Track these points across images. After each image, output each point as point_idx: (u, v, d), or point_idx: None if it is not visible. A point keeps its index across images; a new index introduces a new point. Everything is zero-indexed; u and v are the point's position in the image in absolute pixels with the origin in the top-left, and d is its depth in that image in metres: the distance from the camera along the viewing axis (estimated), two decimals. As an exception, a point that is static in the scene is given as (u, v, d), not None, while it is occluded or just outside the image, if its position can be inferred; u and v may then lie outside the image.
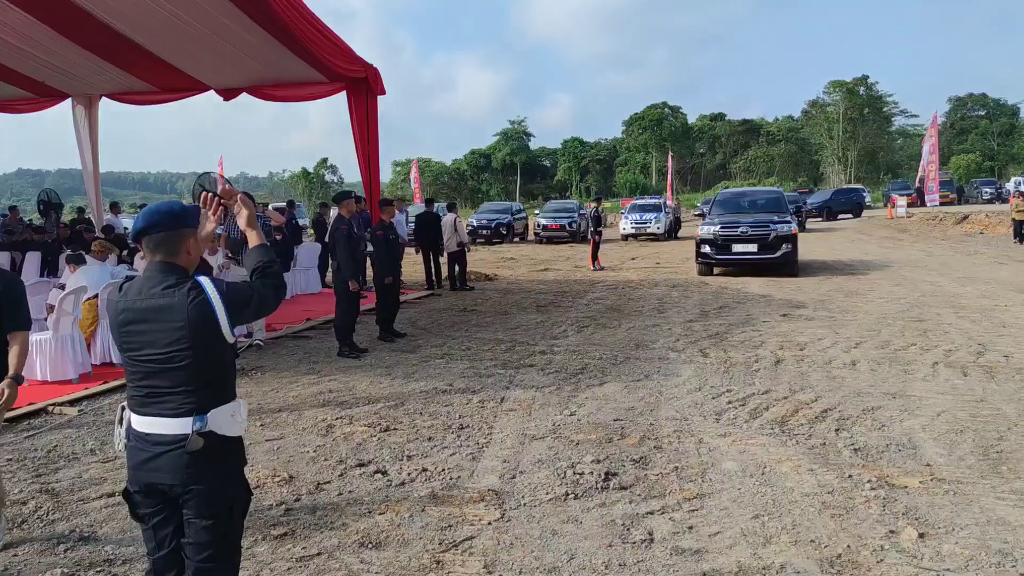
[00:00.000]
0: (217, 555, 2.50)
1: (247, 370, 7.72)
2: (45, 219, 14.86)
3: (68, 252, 8.41)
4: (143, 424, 2.44)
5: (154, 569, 2.54)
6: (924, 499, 4.14)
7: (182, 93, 13.74)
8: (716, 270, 15.36)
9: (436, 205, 15.47)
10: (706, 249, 14.74)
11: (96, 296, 7.74)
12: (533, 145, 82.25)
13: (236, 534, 2.59)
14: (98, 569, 3.64)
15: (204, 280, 2.46)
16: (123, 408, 2.53)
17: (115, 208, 15.73)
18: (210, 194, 2.72)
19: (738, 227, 14.57)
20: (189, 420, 2.39)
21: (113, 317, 2.52)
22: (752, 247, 14.35)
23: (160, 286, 2.43)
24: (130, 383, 2.49)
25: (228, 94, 13.45)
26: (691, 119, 77.87)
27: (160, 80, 12.96)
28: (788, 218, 14.85)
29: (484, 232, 28.41)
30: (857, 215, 39.20)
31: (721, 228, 14.68)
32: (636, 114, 76.47)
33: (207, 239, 2.68)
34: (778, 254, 14.25)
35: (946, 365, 7.07)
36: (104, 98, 14.31)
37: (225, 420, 2.46)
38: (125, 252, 11.19)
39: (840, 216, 39.01)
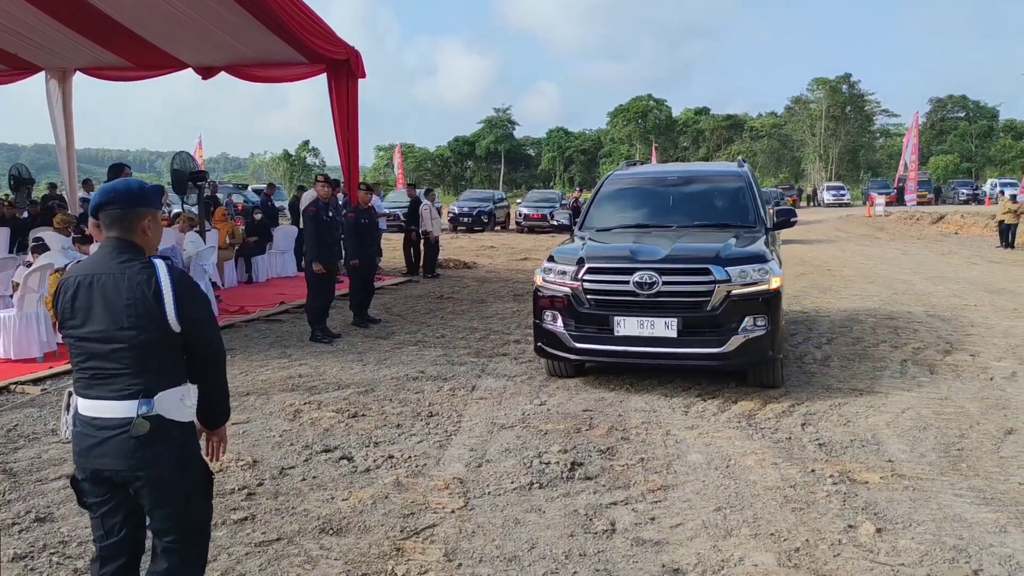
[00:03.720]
0: (181, 539, 2.47)
1: (217, 352, 7.64)
2: (16, 195, 14.61)
3: (32, 243, 8.27)
4: (88, 408, 2.37)
5: (101, 556, 2.49)
6: (884, 494, 4.18)
7: (159, 70, 13.53)
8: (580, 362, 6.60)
9: (417, 191, 15.39)
10: (554, 324, 6.20)
11: (63, 269, 7.61)
12: (518, 134, 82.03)
13: (200, 518, 2.54)
14: (52, 550, 3.59)
15: (159, 263, 2.41)
16: (69, 393, 2.46)
17: (88, 185, 15.45)
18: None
19: (631, 271, 5.94)
20: (135, 403, 2.32)
21: (59, 290, 2.45)
22: (661, 324, 5.84)
23: (113, 261, 2.38)
24: (75, 365, 2.42)
25: (206, 72, 13.26)
26: (676, 112, 77.94)
27: (136, 56, 12.74)
28: (758, 240, 6.37)
29: (465, 220, 28.33)
30: None
31: (590, 272, 6.09)
32: (621, 106, 76.39)
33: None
34: (729, 347, 5.77)
35: (914, 363, 7.15)
36: (79, 72, 14.05)
37: (174, 404, 2.39)
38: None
39: None
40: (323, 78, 12.63)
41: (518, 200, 35.40)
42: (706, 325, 5.84)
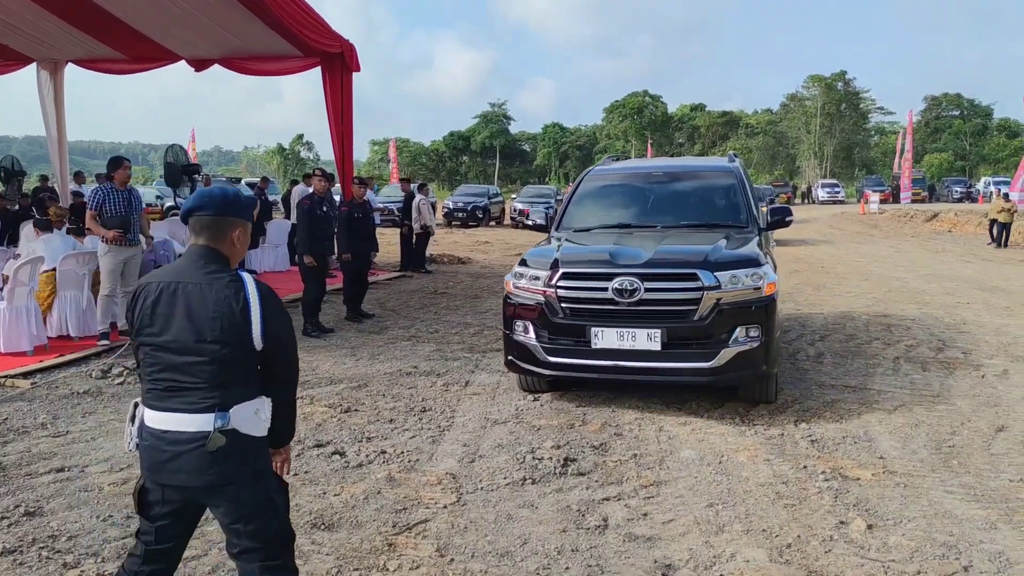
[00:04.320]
0: (273, 554, 2.35)
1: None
2: (7, 187, 14.52)
3: (37, 217, 8.27)
4: (159, 421, 2.28)
5: (144, 557, 2.40)
6: (875, 491, 4.19)
7: (152, 63, 13.42)
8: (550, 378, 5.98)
9: (411, 185, 15.36)
10: (526, 336, 5.69)
11: (54, 269, 7.57)
12: (513, 129, 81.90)
13: (286, 529, 2.44)
14: (42, 545, 3.57)
15: (247, 277, 2.31)
16: (135, 404, 2.37)
17: (79, 178, 15.38)
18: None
19: (610, 276, 5.43)
20: (210, 417, 2.23)
21: (138, 295, 2.36)
22: (643, 335, 5.32)
23: (200, 271, 2.30)
24: (148, 376, 2.32)
25: (200, 65, 13.17)
26: (671, 108, 77.93)
27: (129, 48, 12.64)
28: (751, 242, 5.93)
29: (460, 215, 28.26)
30: None
31: (565, 278, 5.58)
32: (617, 101, 76.31)
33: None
34: (718, 361, 5.25)
35: (907, 360, 7.16)
36: (71, 64, 13.96)
37: (249, 418, 2.30)
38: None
39: None
40: (317, 71, 12.57)
41: (513, 195, 35.32)
42: (693, 337, 5.30)
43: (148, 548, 2.40)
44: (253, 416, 2.31)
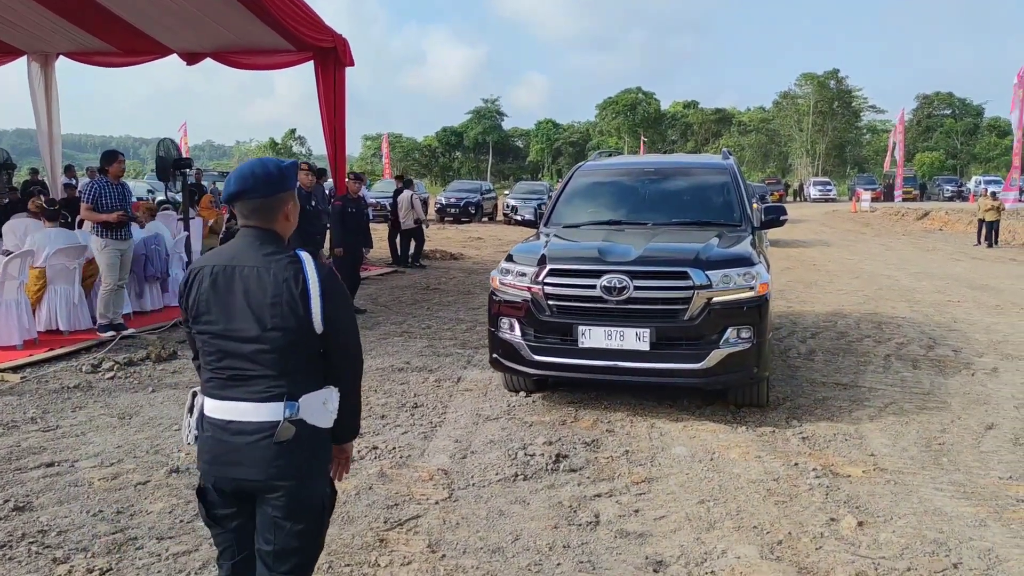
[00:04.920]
0: (305, 563, 2.23)
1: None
2: (-2, 180, 14.42)
3: (45, 207, 8.38)
4: (222, 410, 2.15)
5: (233, 571, 2.26)
6: (865, 488, 4.21)
7: (144, 56, 13.34)
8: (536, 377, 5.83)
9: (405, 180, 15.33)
10: (511, 333, 5.56)
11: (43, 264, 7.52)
12: (506, 125, 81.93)
13: (323, 537, 2.31)
14: (31, 539, 3.55)
15: (306, 256, 2.18)
16: (194, 394, 2.26)
17: (70, 171, 15.27)
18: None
19: (598, 273, 5.29)
20: (279, 406, 2.10)
21: (191, 281, 2.21)
22: (632, 335, 5.18)
23: (256, 252, 2.17)
24: (207, 364, 2.20)
25: (191, 59, 13.09)
26: (664, 105, 78.04)
27: (120, 42, 12.57)
28: (743, 240, 5.82)
29: (452, 211, 28.24)
30: None
31: (552, 274, 5.44)
32: (610, 98, 76.40)
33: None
34: (708, 363, 5.12)
35: (897, 358, 7.20)
36: (62, 57, 13.86)
37: (317, 408, 2.17)
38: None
39: None
40: (310, 65, 12.52)
41: (506, 192, 35.29)
42: (683, 337, 5.16)
43: (232, 563, 2.26)
44: (321, 407, 2.18)
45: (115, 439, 4.90)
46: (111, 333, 7.40)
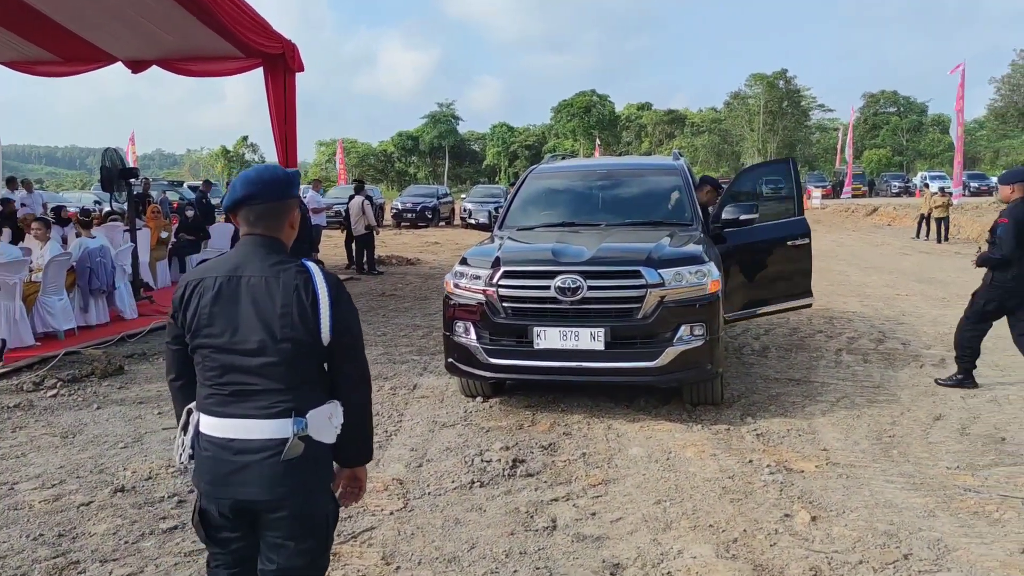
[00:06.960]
0: None
1: (148, 355, 7.40)
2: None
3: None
4: (222, 428, 2.05)
5: None
6: (819, 483, 4.26)
7: (87, 64, 13.06)
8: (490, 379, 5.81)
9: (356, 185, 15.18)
10: (467, 337, 5.53)
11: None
12: (462, 129, 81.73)
13: (329, 554, 2.25)
14: (-35, 569, 3.39)
15: (313, 266, 2.11)
16: (188, 411, 2.15)
17: (12, 183, 14.81)
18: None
19: (552, 275, 5.30)
20: (287, 422, 2.02)
21: (189, 292, 2.11)
22: (587, 335, 5.20)
23: (262, 262, 2.08)
24: (206, 380, 2.09)
25: (137, 66, 12.85)
26: (619, 107, 78.68)
27: (63, 50, 12.27)
28: (694, 240, 5.85)
29: (409, 215, 28.06)
30: None
31: (506, 276, 5.42)
32: (565, 101, 76.71)
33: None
34: (662, 360, 5.16)
35: (848, 352, 7.33)
36: (2, 67, 13.45)
37: (323, 423, 2.08)
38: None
39: None
40: (258, 71, 12.34)
41: (463, 196, 35.21)
42: (637, 336, 5.19)
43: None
44: (327, 421, 2.09)
45: (57, 459, 4.73)
46: None
